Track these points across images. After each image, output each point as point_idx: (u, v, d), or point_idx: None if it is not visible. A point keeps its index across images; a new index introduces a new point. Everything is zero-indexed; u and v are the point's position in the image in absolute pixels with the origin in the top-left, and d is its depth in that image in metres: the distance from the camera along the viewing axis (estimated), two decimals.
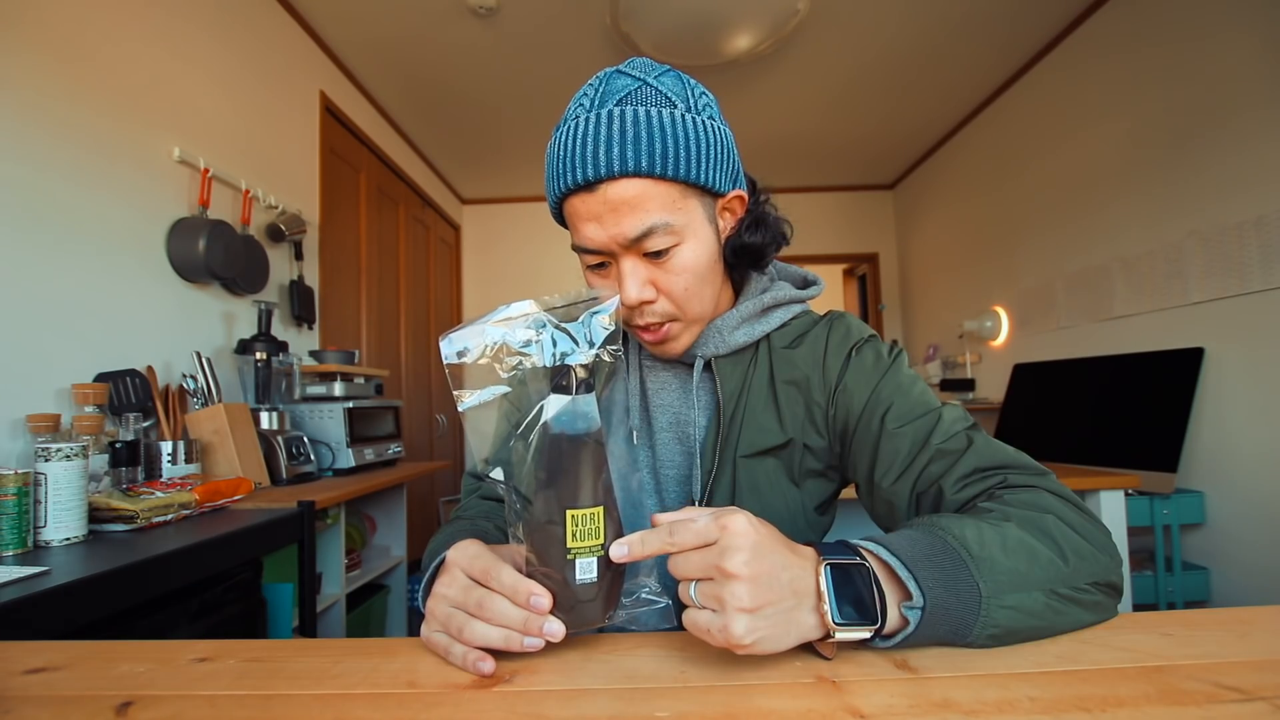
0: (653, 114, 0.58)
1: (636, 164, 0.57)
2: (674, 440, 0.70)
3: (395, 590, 2.36)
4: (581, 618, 0.46)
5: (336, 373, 2.19)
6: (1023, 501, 0.53)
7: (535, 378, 0.46)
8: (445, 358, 0.46)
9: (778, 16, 2.53)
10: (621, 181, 0.57)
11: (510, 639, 0.44)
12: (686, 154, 0.58)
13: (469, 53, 2.84)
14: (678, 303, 0.63)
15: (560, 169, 0.60)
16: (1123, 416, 2.37)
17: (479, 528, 0.64)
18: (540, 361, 0.46)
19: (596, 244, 0.60)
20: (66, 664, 0.48)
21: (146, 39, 1.75)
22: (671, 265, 0.61)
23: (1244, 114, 1.99)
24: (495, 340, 0.46)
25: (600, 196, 0.58)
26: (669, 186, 0.59)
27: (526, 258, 4.68)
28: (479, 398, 0.46)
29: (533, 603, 0.44)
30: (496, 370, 0.46)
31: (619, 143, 0.57)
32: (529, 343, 0.46)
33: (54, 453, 1.06)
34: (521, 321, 0.46)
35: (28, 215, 1.38)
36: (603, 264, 0.62)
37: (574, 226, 0.62)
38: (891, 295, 4.74)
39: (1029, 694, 0.39)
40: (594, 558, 0.45)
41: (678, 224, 0.59)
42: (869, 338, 0.70)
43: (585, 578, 0.45)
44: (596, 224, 0.59)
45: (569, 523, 0.45)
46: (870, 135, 3.86)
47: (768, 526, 0.45)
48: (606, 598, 0.46)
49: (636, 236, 0.58)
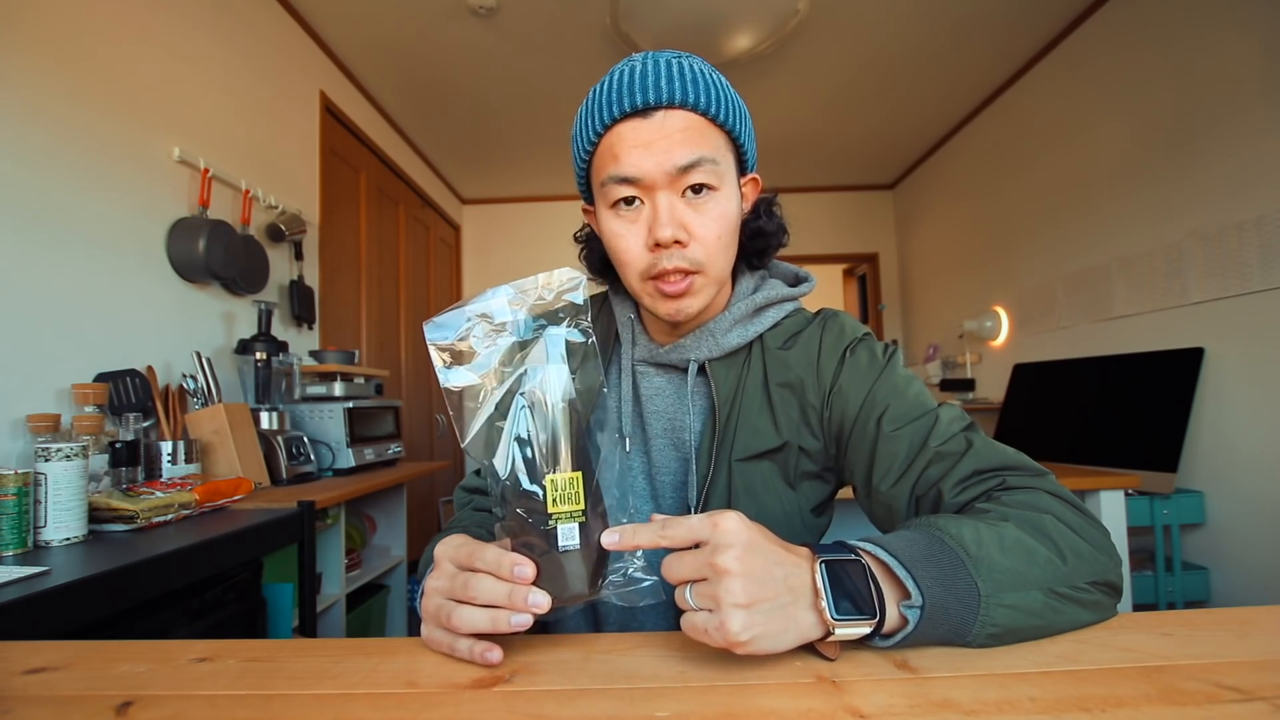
0: (708, 70, 0.63)
1: (696, 100, 0.60)
2: (669, 445, 0.70)
3: (395, 590, 2.36)
4: (567, 588, 0.45)
5: (336, 373, 2.19)
6: (1021, 502, 0.53)
7: (512, 352, 0.48)
8: (429, 339, 0.48)
9: (778, 16, 2.53)
10: (680, 112, 0.60)
11: (497, 618, 0.44)
12: (735, 111, 0.63)
13: (469, 53, 2.84)
14: (708, 250, 0.62)
15: (613, 97, 0.60)
16: (1123, 416, 2.37)
17: (473, 533, 0.65)
18: (515, 337, 0.48)
19: (640, 171, 0.59)
20: (66, 664, 0.48)
21: (146, 39, 1.75)
22: (707, 208, 0.61)
23: (1244, 114, 1.99)
24: (473, 319, 0.48)
25: (656, 122, 0.59)
26: (718, 133, 0.62)
27: (526, 258, 4.68)
28: (463, 375, 0.47)
29: (516, 573, 0.44)
30: (477, 349, 0.48)
31: (679, 79, 0.60)
32: (504, 323, 0.48)
33: (54, 453, 1.06)
34: (498, 303, 0.48)
35: (28, 215, 1.38)
36: (632, 200, 0.61)
37: (614, 156, 0.60)
38: (891, 295, 4.74)
39: (1029, 694, 0.39)
40: (575, 524, 0.45)
41: (721, 167, 0.61)
42: (863, 337, 0.69)
43: (568, 544, 0.45)
44: (645, 150, 0.59)
45: (549, 488, 0.45)
46: (870, 135, 3.86)
47: (760, 527, 0.45)
48: (593, 570, 0.46)
49: (686, 164, 0.59)
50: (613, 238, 0.63)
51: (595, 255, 0.75)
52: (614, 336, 0.76)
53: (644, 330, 0.73)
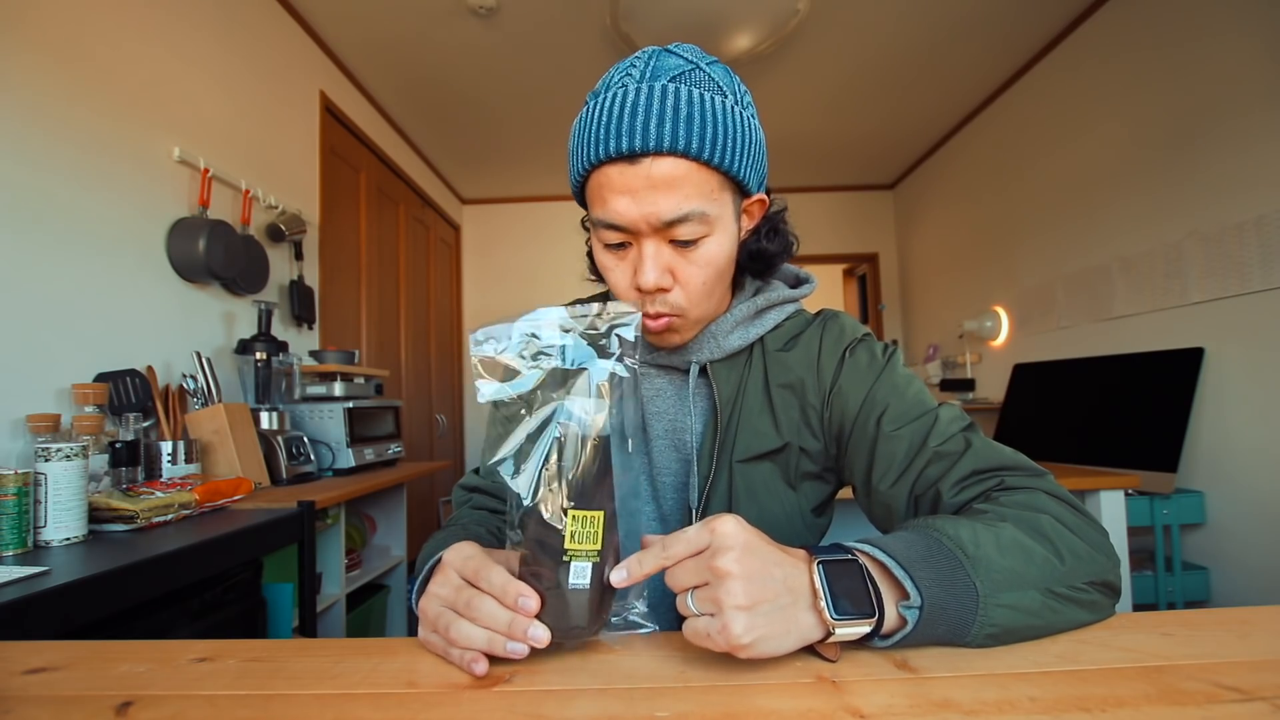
0: (706, 98, 0.57)
1: (686, 144, 0.55)
2: (670, 447, 0.70)
3: (395, 590, 2.36)
4: (569, 626, 0.45)
5: (336, 373, 2.19)
6: (1018, 502, 0.53)
7: (554, 379, 0.47)
8: (474, 348, 0.46)
9: (778, 16, 2.53)
10: (667, 159, 0.55)
11: (494, 642, 0.44)
12: (732, 145, 0.57)
13: (469, 53, 2.84)
14: (691, 297, 0.61)
15: (600, 134, 0.56)
16: (1123, 416, 2.37)
17: (473, 532, 0.64)
18: (560, 364, 0.47)
19: (625, 220, 0.57)
20: (66, 664, 0.48)
21: (146, 39, 1.75)
22: (695, 257, 0.60)
23: (1244, 114, 1.99)
24: (523, 337, 0.47)
25: (641, 170, 0.56)
26: (710, 175, 0.57)
27: (526, 258, 4.69)
28: (501, 391, 0.46)
29: (520, 604, 0.44)
30: (519, 367, 0.47)
31: (671, 119, 0.55)
32: (552, 345, 0.47)
33: (54, 453, 1.06)
34: (549, 325, 0.47)
35: (28, 215, 1.38)
36: (622, 244, 0.61)
37: (601, 199, 0.59)
38: (891, 295, 4.74)
39: (1029, 694, 0.39)
40: (589, 563, 0.45)
41: (711, 214, 0.58)
42: (863, 337, 0.69)
43: (578, 583, 0.45)
44: (630, 199, 0.57)
45: (570, 522, 0.45)
46: (870, 135, 3.86)
47: (757, 530, 0.45)
48: (596, 610, 0.46)
49: (671, 220, 0.57)
50: (604, 269, 0.64)
51: None
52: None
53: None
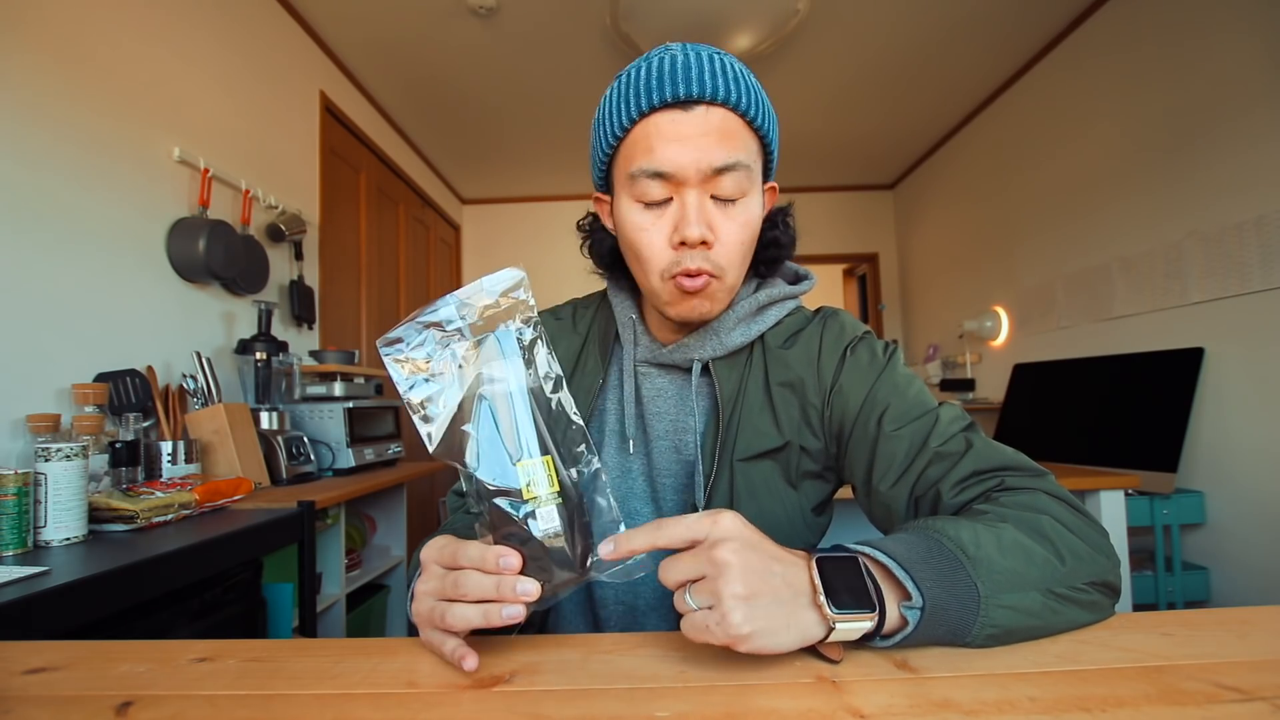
0: (745, 70, 0.61)
1: (739, 99, 0.58)
2: (670, 449, 0.69)
3: (395, 590, 2.36)
4: (555, 571, 0.45)
5: (336, 373, 2.19)
6: (1019, 503, 0.53)
7: (465, 354, 0.49)
8: (384, 354, 0.47)
9: (778, 16, 2.53)
10: (721, 109, 0.57)
11: (489, 612, 0.43)
12: (770, 117, 0.61)
13: (469, 53, 2.84)
14: (730, 256, 0.60)
15: (653, 84, 0.57)
16: (1123, 416, 2.37)
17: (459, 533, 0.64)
18: (467, 340, 0.49)
19: (674, 166, 0.57)
20: (66, 664, 0.48)
21: (146, 39, 1.75)
22: (735, 213, 0.60)
23: (1244, 114, 1.99)
24: (425, 329, 0.48)
25: (696, 117, 0.57)
26: (752, 138, 0.60)
27: (526, 258, 4.68)
28: (423, 388, 0.48)
29: (501, 564, 0.43)
30: (431, 359, 0.48)
31: (723, 75, 0.58)
32: (457, 329, 0.48)
33: (54, 453, 1.06)
34: (446, 311, 0.48)
35: (28, 215, 1.38)
36: (659, 204, 0.59)
37: (648, 148, 0.58)
38: (891, 295, 4.74)
39: (1029, 694, 0.39)
40: (553, 506, 0.45)
41: (754, 171, 0.60)
42: (863, 336, 0.69)
43: (549, 527, 0.45)
44: (682, 145, 0.57)
45: (521, 474, 0.45)
46: (870, 135, 3.86)
47: (757, 529, 0.45)
48: (579, 551, 0.46)
49: (721, 166, 0.57)
50: (635, 230, 0.61)
51: (603, 247, 0.73)
52: (613, 336, 0.75)
53: (646, 330, 0.72)
